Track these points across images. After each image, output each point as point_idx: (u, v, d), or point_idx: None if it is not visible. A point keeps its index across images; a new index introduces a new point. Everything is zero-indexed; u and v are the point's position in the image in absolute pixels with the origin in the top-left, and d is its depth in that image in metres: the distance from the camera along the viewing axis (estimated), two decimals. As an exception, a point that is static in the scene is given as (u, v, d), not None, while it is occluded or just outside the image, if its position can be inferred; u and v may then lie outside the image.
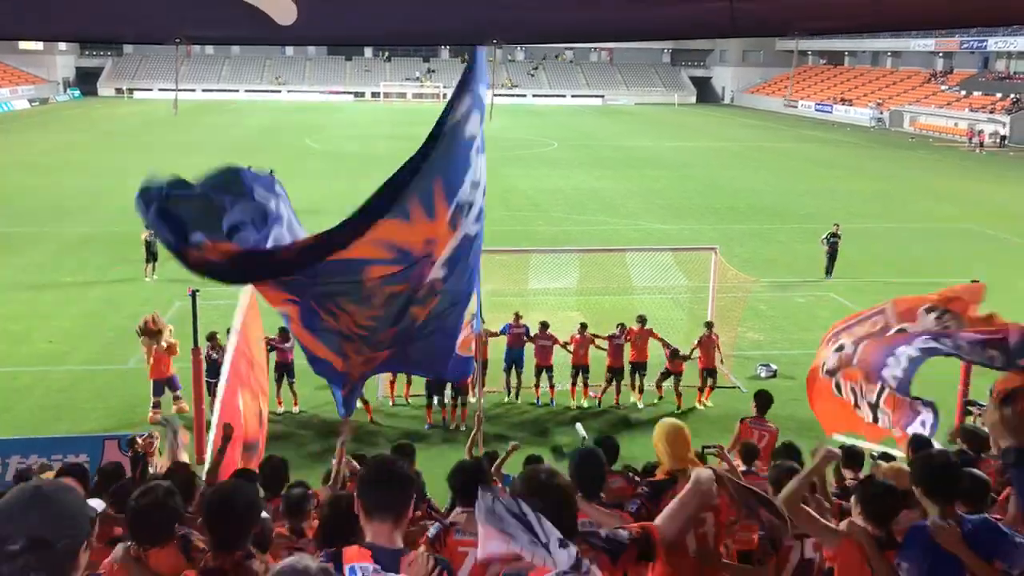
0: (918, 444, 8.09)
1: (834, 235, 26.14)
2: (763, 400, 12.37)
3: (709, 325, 17.40)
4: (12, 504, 2.57)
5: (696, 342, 17.20)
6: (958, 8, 4.25)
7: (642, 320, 17.31)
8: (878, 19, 4.81)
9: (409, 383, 16.69)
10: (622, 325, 17.14)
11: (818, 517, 5.35)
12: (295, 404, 16.56)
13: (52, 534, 2.52)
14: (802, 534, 6.22)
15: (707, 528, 5.73)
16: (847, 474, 8.94)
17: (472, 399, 16.22)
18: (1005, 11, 4.35)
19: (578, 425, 15.36)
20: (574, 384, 17.06)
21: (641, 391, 17.28)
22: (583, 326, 17.06)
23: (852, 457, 9.08)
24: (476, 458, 6.25)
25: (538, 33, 4.77)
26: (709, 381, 17.15)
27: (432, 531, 5.56)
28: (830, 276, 26.02)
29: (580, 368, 16.95)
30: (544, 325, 17.03)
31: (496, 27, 4.26)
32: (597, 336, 16.99)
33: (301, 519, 6.37)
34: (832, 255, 26.16)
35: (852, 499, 5.48)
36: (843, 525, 5.31)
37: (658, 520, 4.85)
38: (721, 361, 17.50)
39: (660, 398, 17.31)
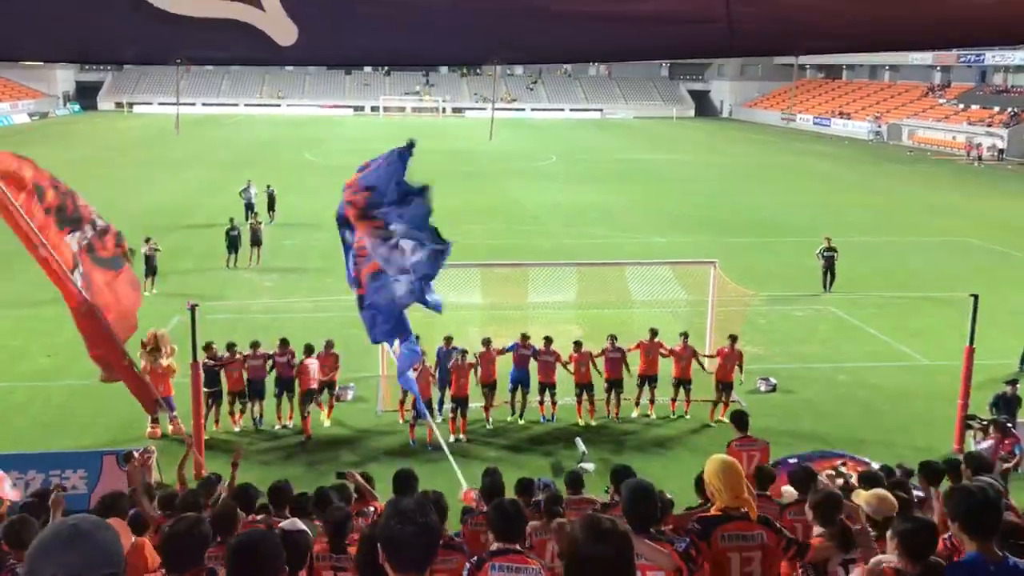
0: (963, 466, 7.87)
1: (829, 248, 26.05)
2: (739, 420, 12.21)
3: (733, 339, 17.22)
4: (49, 541, 2.60)
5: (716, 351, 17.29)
6: (958, 29, 4.25)
7: (653, 332, 17.24)
8: (878, 39, 4.83)
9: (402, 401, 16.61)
10: (612, 337, 17.08)
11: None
12: (291, 418, 16.55)
13: (86, 572, 2.55)
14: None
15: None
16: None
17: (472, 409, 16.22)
18: (1004, 32, 4.35)
19: (578, 440, 15.39)
20: (579, 402, 16.99)
21: (652, 403, 17.23)
22: (578, 344, 16.97)
23: (871, 480, 8.82)
24: (513, 500, 6.27)
25: (537, 54, 4.79)
26: (724, 396, 17.05)
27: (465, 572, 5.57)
28: (828, 290, 25.96)
29: (584, 387, 16.86)
30: (548, 340, 16.98)
31: (495, 49, 4.28)
32: (592, 354, 16.91)
33: (343, 539, 6.57)
34: (828, 269, 26.05)
35: (888, 535, 5.29)
36: (873, 561, 5.21)
37: None
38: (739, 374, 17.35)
39: (674, 413, 17.26)
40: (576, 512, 8.05)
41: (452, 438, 15.92)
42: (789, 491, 8.64)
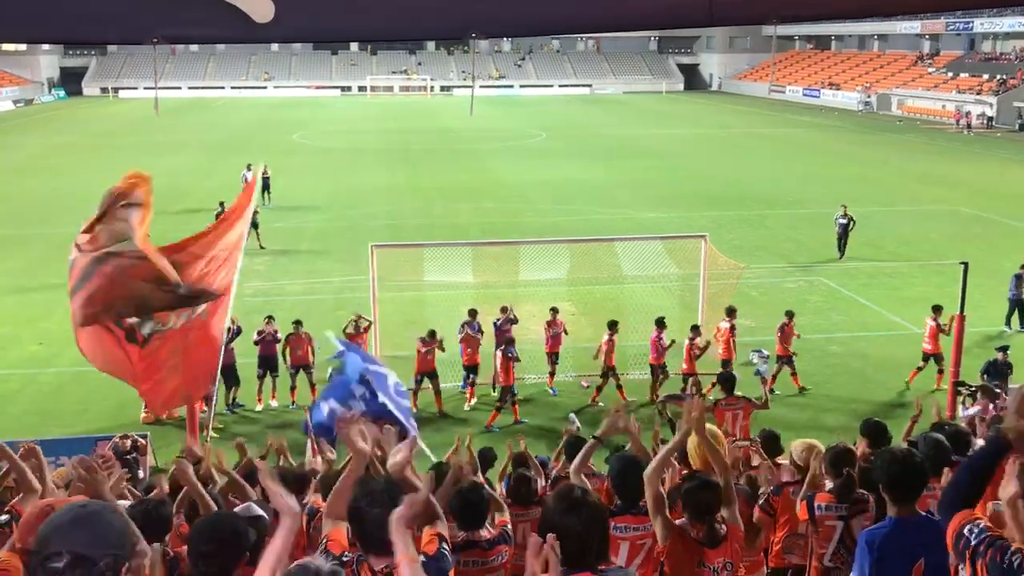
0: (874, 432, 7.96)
1: (844, 216, 26.64)
2: (726, 381, 12.63)
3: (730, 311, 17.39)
4: (58, 522, 2.67)
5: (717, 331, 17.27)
6: None
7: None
8: (855, 6, 4.80)
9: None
10: (555, 309, 17.50)
11: (663, 502, 5.16)
12: (273, 397, 16.61)
13: (95, 552, 2.60)
14: None
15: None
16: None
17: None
18: None
19: (571, 415, 15.42)
20: (600, 388, 16.95)
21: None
22: (612, 325, 16.85)
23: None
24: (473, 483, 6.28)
25: (517, 27, 4.75)
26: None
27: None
28: (841, 257, 26.47)
29: (610, 371, 16.86)
30: (555, 311, 17.40)
31: (476, 22, 4.23)
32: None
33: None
34: (843, 236, 26.64)
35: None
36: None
37: None
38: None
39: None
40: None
41: (467, 406, 16.61)
42: None
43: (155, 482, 7.78)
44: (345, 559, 4.06)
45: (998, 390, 13.17)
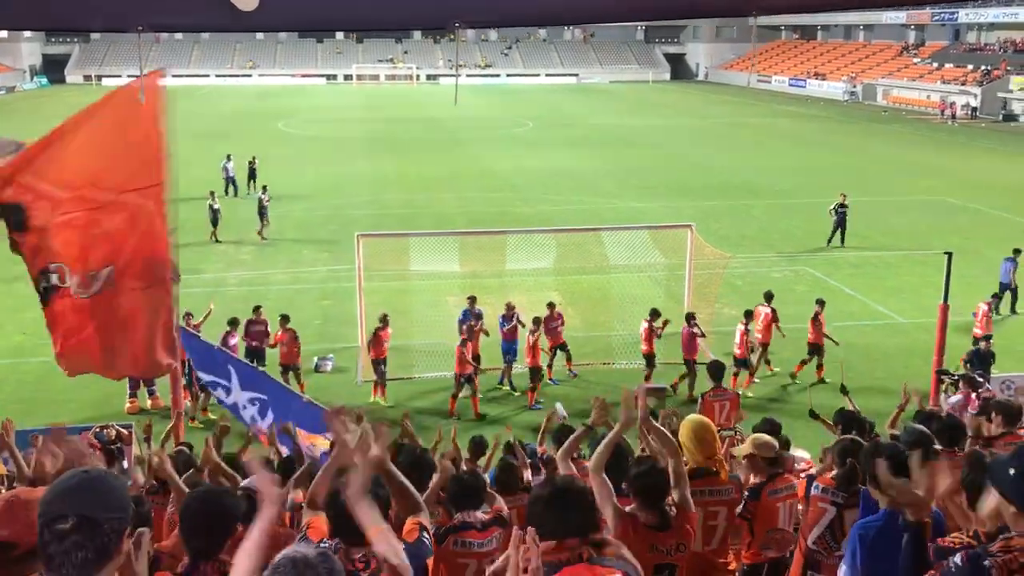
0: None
1: (842, 205, 26.83)
2: (715, 370, 12.61)
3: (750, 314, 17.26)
4: (62, 486, 2.74)
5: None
6: None
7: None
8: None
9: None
10: (551, 304, 17.50)
11: (610, 491, 5.14)
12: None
13: (100, 514, 2.67)
14: None
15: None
16: None
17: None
18: None
19: (558, 405, 15.44)
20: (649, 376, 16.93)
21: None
22: (656, 313, 16.93)
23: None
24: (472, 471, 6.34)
25: (501, 17, 4.74)
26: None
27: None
28: (842, 244, 26.83)
29: (649, 357, 17.02)
30: (551, 306, 17.42)
31: (459, 12, 4.22)
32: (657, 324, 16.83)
33: None
34: (840, 224, 26.88)
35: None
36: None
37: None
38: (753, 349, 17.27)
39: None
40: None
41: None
42: None
43: (129, 474, 7.79)
44: (323, 547, 4.09)
45: (980, 379, 13.27)
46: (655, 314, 16.92)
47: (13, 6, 4.52)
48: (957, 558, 3.43)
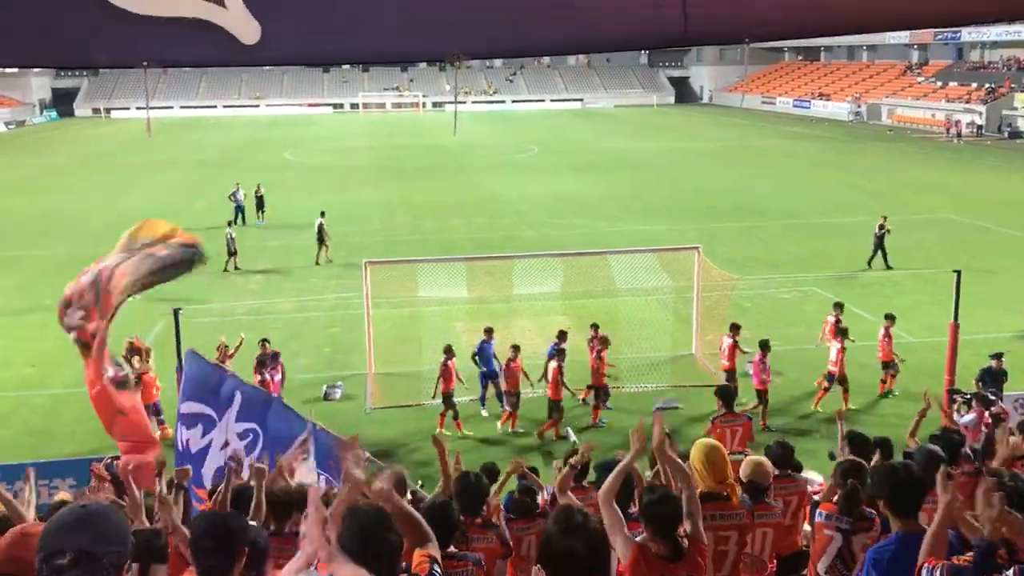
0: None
1: (881, 227, 26.74)
2: (725, 395, 12.20)
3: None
4: (61, 521, 2.76)
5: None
6: (898, 11, 4.32)
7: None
8: (827, 25, 4.87)
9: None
10: (595, 325, 17.22)
11: (620, 521, 5.03)
12: None
13: (99, 548, 2.68)
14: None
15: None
16: None
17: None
18: (938, 15, 4.44)
19: (568, 429, 15.44)
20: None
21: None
22: (737, 328, 16.67)
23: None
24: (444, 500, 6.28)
25: (493, 49, 4.79)
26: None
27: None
28: (887, 266, 26.55)
29: (730, 373, 16.72)
30: (595, 327, 17.11)
31: (461, 46, 4.27)
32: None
33: None
34: (878, 246, 26.69)
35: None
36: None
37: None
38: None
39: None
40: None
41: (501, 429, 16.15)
42: None
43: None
44: None
45: (993, 397, 13.21)
46: (736, 328, 16.60)
47: (19, 45, 4.58)
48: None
